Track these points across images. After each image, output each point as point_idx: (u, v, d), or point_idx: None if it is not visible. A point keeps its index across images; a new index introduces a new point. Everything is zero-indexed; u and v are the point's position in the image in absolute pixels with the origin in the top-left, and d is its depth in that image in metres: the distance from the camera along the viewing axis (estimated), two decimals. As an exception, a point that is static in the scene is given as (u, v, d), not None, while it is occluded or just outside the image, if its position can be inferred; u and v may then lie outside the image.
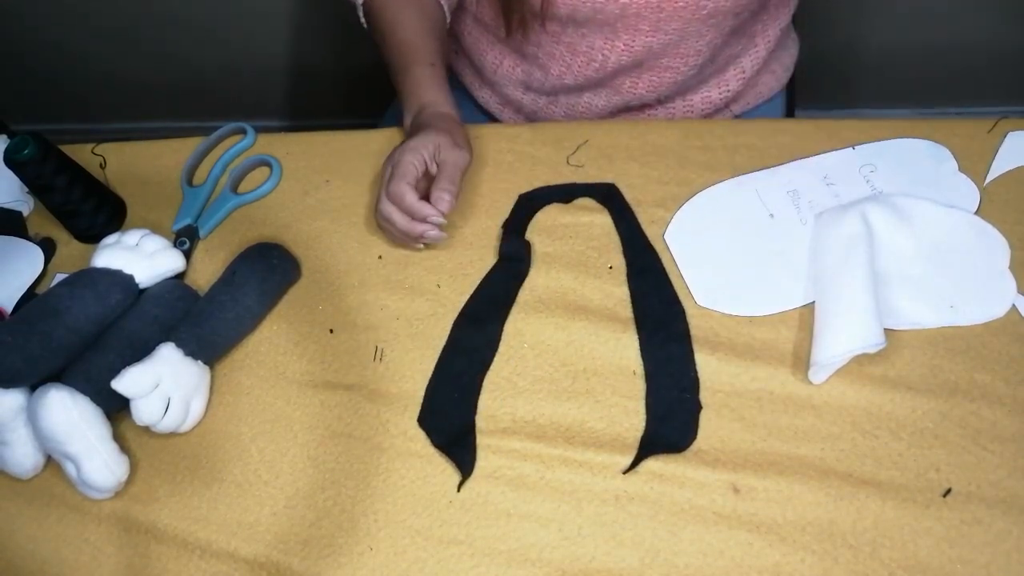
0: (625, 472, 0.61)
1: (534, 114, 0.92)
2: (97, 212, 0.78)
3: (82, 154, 0.81)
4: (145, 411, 0.63)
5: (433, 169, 0.71)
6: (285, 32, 1.41)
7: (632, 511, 0.59)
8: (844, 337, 0.62)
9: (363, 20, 0.83)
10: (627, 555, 0.58)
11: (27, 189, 0.80)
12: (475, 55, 0.91)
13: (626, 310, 0.68)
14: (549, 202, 0.75)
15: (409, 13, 0.79)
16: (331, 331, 0.70)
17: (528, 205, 0.75)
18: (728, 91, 0.88)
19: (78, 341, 0.66)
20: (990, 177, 0.63)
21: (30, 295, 0.75)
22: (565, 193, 0.75)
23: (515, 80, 0.89)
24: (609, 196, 0.74)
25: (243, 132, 0.84)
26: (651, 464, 0.61)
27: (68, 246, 0.79)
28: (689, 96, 0.88)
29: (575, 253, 0.72)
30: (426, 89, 0.76)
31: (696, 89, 0.88)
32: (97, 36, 1.44)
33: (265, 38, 1.43)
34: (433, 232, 0.69)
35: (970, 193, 0.70)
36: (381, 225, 0.73)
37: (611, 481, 0.61)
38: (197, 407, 0.66)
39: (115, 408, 0.64)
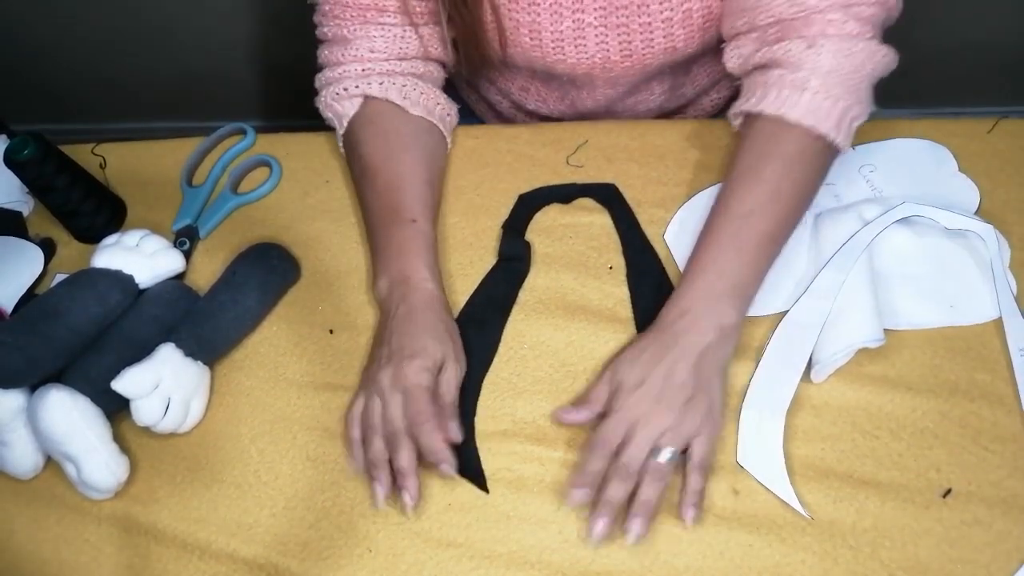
0: None
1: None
2: (97, 212, 0.77)
3: (82, 154, 0.81)
4: (145, 411, 0.63)
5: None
6: (285, 32, 1.40)
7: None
8: (844, 333, 0.62)
9: (341, 147, 0.77)
10: (627, 557, 0.58)
11: (27, 189, 0.80)
12: (467, 76, 0.91)
13: (626, 310, 0.68)
14: (549, 202, 0.75)
15: (396, 149, 0.72)
16: (331, 332, 0.70)
17: (528, 205, 0.75)
18: (720, 98, 0.88)
19: (78, 342, 0.66)
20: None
21: (30, 295, 0.75)
22: (565, 194, 0.75)
23: (506, 102, 0.90)
24: (609, 197, 0.74)
25: (243, 132, 0.84)
26: (651, 465, 0.61)
27: (68, 246, 0.79)
28: (680, 114, 0.89)
29: (575, 253, 0.72)
30: (408, 255, 0.67)
31: (685, 108, 0.88)
32: (97, 36, 1.44)
33: (265, 38, 1.43)
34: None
35: (970, 193, 0.70)
36: (367, 441, 0.62)
37: (611, 482, 0.61)
38: (197, 408, 0.66)
39: (115, 409, 0.64)
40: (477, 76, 0.88)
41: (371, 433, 0.62)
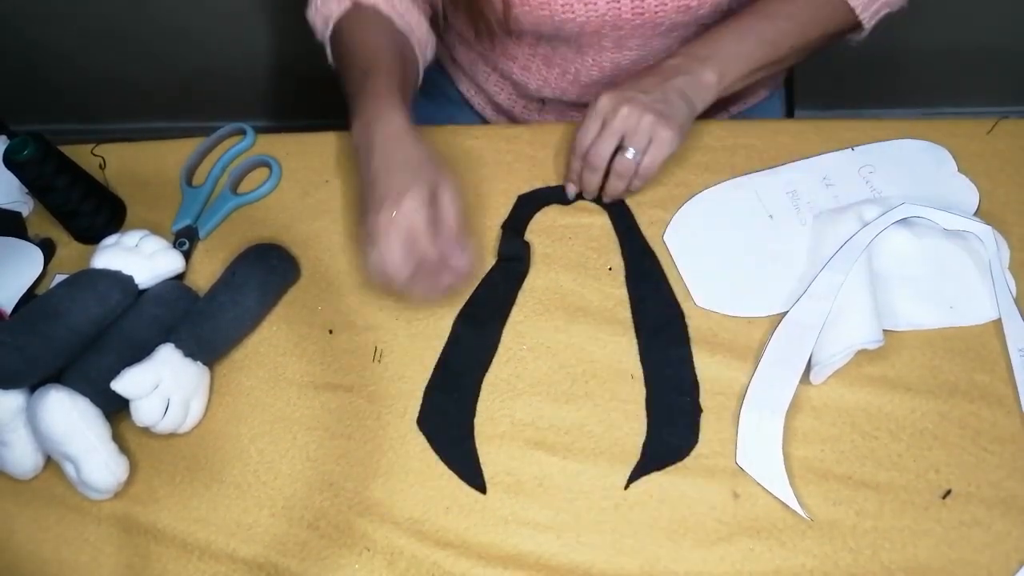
0: (626, 488, 0.60)
1: (527, 123, 0.92)
2: (97, 213, 0.77)
3: (82, 154, 0.81)
4: (145, 412, 0.63)
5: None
6: (285, 32, 1.41)
7: (632, 518, 0.59)
8: (843, 334, 0.62)
9: (329, 54, 0.78)
10: (627, 563, 0.57)
11: (27, 190, 0.80)
12: (466, 67, 0.91)
13: (625, 311, 0.68)
14: (549, 203, 0.75)
15: (379, 41, 0.74)
16: (330, 331, 0.70)
17: (528, 205, 0.75)
18: None
19: (78, 342, 0.66)
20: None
21: (30, 296, 0.75)
22: (565, 194, 0.75)
23: (506, 90, 0.90)
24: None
25: (243, 132, 0.84)
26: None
27: (68, 247, 0.79)
28: None
29: (574, 254, 0.72)
30: (378, 98, 0.67)
31: None
32: (97, 36, 1.44)
33: (265, 38, 1.43)
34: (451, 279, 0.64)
35: (970, 194, 0.70)
36: (388, 275, 0.62)
37: (610, 487, 0.61)
38: (196, 408, 0.66)
39: (115, 409, 0.64)
40: (476, 65, 0.88)
41: (390, 281, 0.63)
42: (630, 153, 0.68)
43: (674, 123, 0.67)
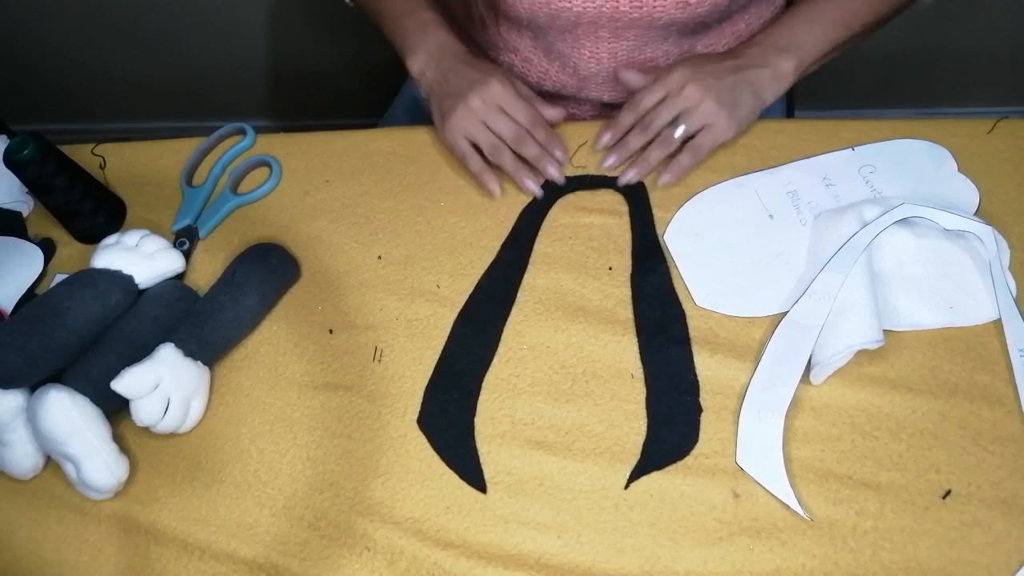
0: (626, 488, 0.60)
1: None
2: (97, 212, 0.78)
3: (82, 154, 0.81)
4: (145, 412, 0.63)
5: None
6: (285, 32, 1.41)
7: (632, 518, 0.59)
8: (844, 334, 0.62)
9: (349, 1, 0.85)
10: (627, 562, 0.58)
11: (27, 189, 0.80)
12: None
13: (625, 311, 0.68)
14: (575, 190, 0.75)
15: None
16: (330, 331, 0.70)
17: (531, 214, 0.75)
18: None
19: (78, 341, 0.66)
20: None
21: (30, 295, 0.75)
22: (592, 183, 0.75)
23: None
24: (634, 190, 0.74)
25: (243, 132, 0.84)
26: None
27: (68, 246, 0.79)
28: None
29: (574, 254, 0.72)
30: (432, 31, 0.77)
31: None
32: (97, 36, 1.44)
33: (265, 38, 1.43)
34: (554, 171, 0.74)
35: (970, 194, 0.70)
36: (487, 145, 0.73)
37: (610, 487, 0.61)
38: (197, 407, 0.66)
39: (115, 408, 0.64)
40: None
41: (497, 152, 0.73)
42: (679, 131, 0.70)
43: (734, 115, 0.70)
